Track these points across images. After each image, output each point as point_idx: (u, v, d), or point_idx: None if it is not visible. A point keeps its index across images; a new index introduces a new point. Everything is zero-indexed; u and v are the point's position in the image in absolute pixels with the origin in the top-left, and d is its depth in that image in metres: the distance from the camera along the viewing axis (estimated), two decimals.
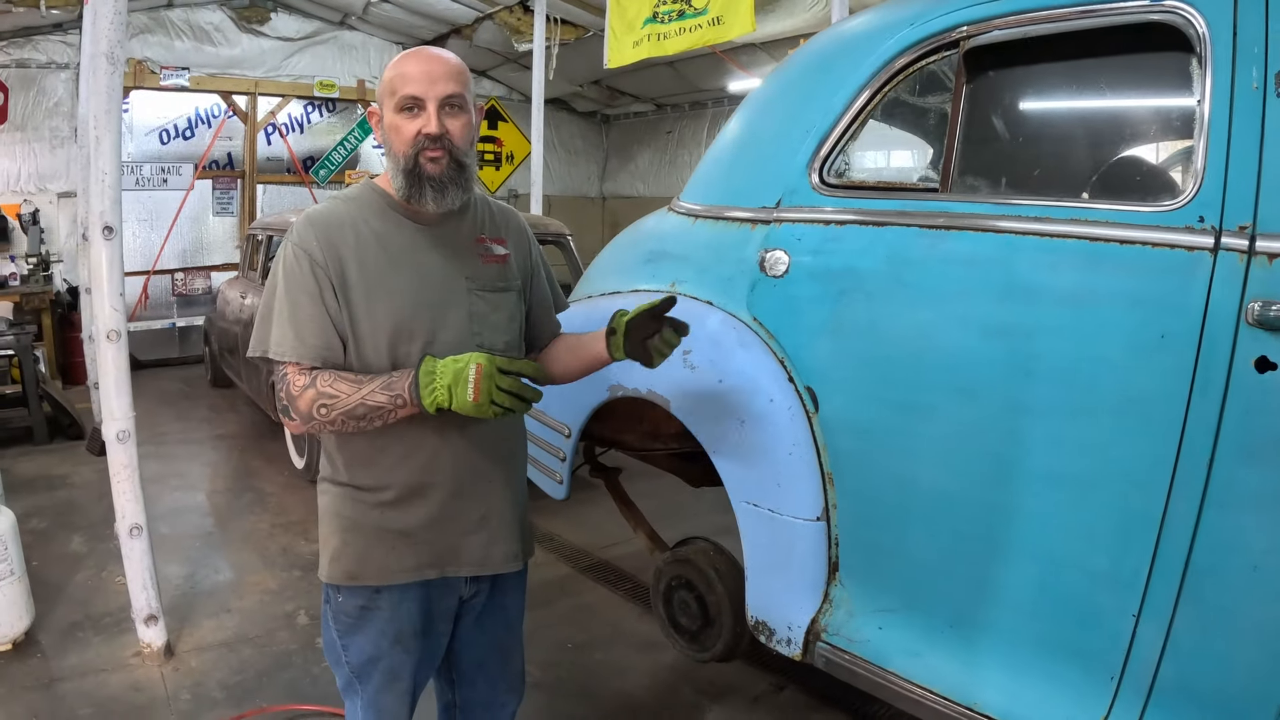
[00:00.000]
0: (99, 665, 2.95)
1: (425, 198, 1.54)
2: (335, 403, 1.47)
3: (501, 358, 1.46)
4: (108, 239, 2.77)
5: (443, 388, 1.44)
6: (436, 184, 1.54)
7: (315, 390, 1.48)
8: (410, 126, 1.52)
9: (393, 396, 1.46)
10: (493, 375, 1.42)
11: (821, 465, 1.95)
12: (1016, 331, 1.68)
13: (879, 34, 1.99)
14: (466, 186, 1.59)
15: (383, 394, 1.46)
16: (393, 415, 1.49)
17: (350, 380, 1.48)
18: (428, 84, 1.51)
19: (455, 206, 1.59)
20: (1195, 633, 1.53)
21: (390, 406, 1.47)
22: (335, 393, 1.47)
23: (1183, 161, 1.67)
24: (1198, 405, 1.48)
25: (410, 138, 1.52)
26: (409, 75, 1.52)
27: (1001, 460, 1.70)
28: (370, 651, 1.65)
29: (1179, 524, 1.51)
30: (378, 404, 1.47)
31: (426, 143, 1.51)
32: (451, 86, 1.52)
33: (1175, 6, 1.56)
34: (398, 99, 1.52)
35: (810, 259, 2.00)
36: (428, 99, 1.51)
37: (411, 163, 1.53)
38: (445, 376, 1.44)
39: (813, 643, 1.97)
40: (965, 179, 1.87)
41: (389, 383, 1.47)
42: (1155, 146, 1.86)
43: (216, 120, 8.55)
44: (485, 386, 1.42)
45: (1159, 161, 1.84)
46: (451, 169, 1.54)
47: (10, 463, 5.09)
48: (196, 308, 8.29)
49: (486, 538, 1.69)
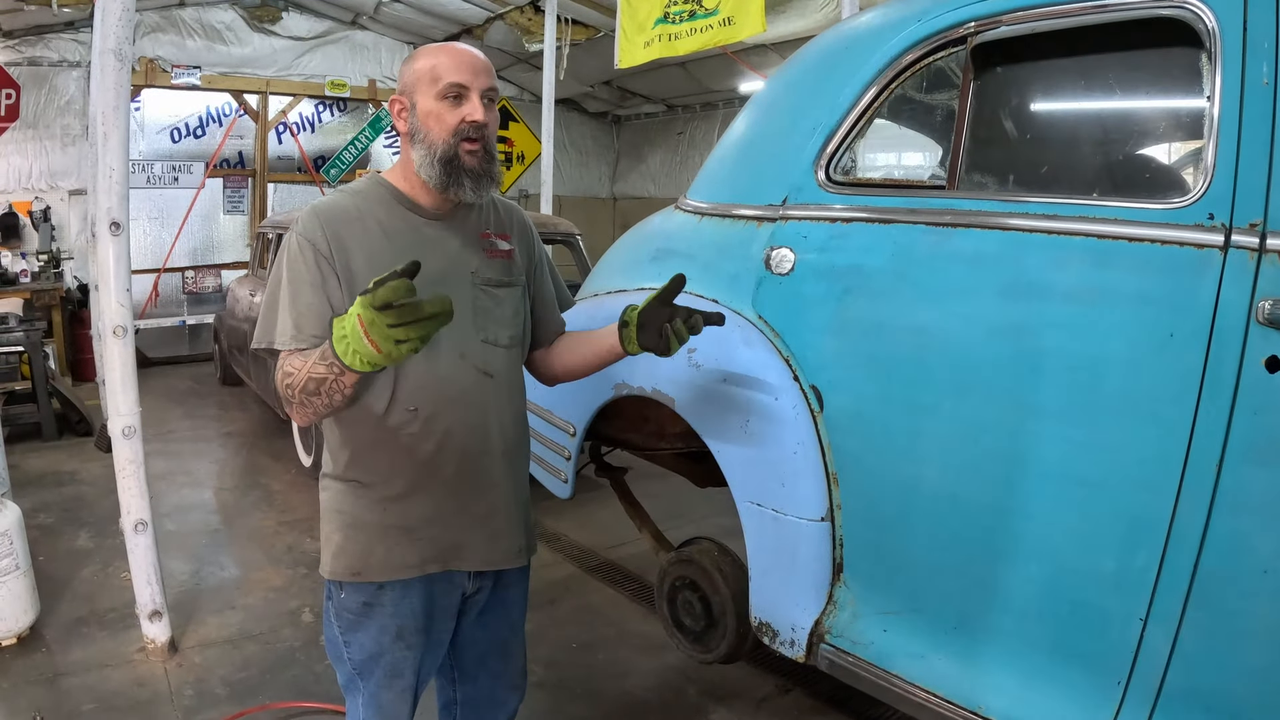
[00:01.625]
0: (103, 660, 2.96)
1: (464, 187, 1.54)
2: (293, 379, 1.43)
3: (368, 294, 1.23)
4: (115, 235, 2.78)
5: (350, 352, 1.30)
6: (474, 175, 1.55)
7: (282, 370, 1.47)
8: (454, 114, 1.52)
9: (329, 365, 1.36)
10: (374, 321, 1.23)
11: (826, 465, 1.93)
12: (1024, 330, 1.66)
13: (885, 30, 1.98)
14: (496, 179, 1.59)
15: (320, 364, 1.38)
16: (341, 384, 1.38)
17: (303, 355, 1.45)
18: (472, 74, 1.52)
19: (485, 197, 1.59)
20: (1204, 637, 1.50)
21: (330, 375, 1.38)
22: (291, 369, 1.44)
23: (1192, 158, 1.65)
24: (1207, 405, 1.45)
25: (453, 125, 1.52)
26: (452, 64, 1.52)
27: (1008, 461, 1.68)
28: (372, 648, 1.64)
29: (1188, 526, 1.48)
30: (320, 375, 1.39)
31: (470, 131, 1.52)
32: (490, 80, 1.56)
33: (1185, 1, 1.53)
34: (441, 86, 1.51)
35: (816, 257, 1.98)
36: (473, 89, 1.52)
37: (452, 151, 1.52)
38: (352, 339, 1.28)
39: (816, 644, 1.95)
40: (972, 176, 1.85)
41: (324, 351, 1.37)
42: (1164, 143, 1.84)
43: (228, 119, 8.59)
44: (376, 335, 1.24)
45: (1168, 158, 1.82)
46: (485, 161, 1.56)
47: (19, 458, 5.13)
48: (207, 306, 8.33)
49: (491, 533, 1.68)
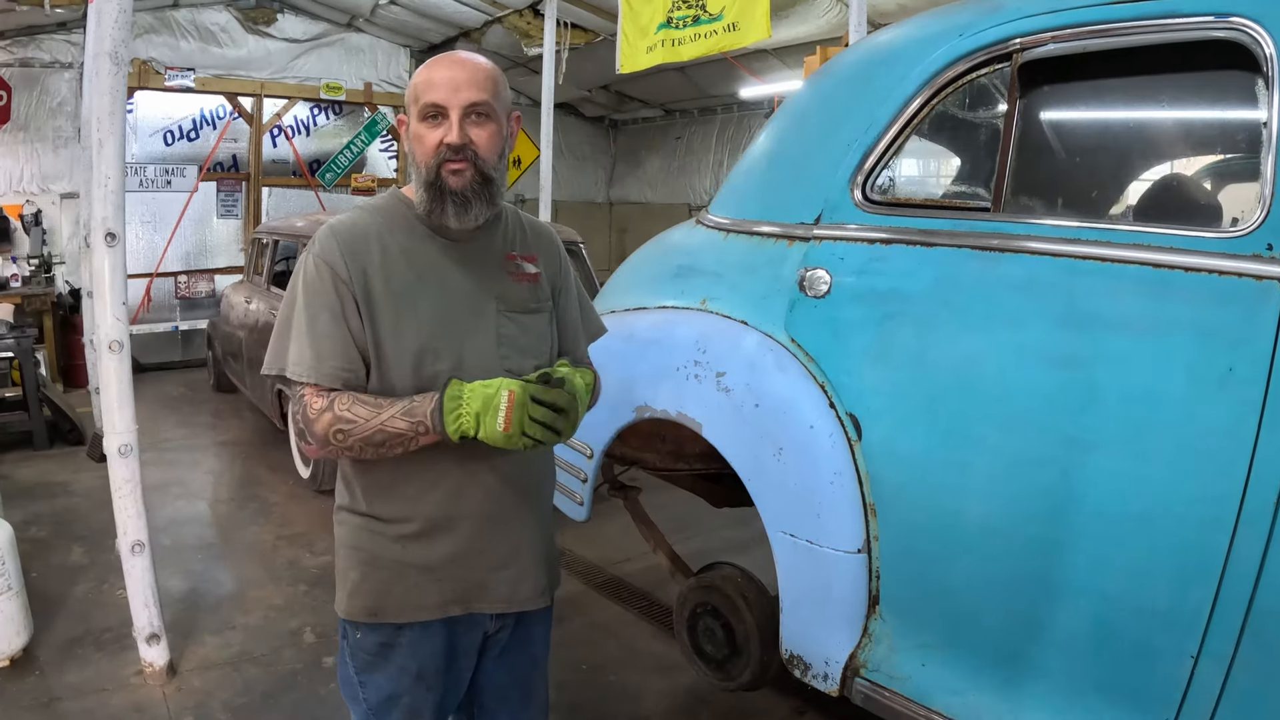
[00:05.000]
0: (99, 684, 2.88)
1: (447, 213, 1.45)
2: (353, 428, 1.38)
3: (535, 385, 1.36)
4: (110, 245, 2.68)
5: (469, 415, 1.35)
6: (459, 198, 1.44)
7: (333, 414, 1.39)
8: (433, 136, 1.43)
9: (414, 423, 1.37)
10: (525, 404, 1.33)
11: (864, 496, 1.86)
12: (1075, 361, 1.60)
13: (926, 44, 1.91)
14: (492, 201, 1.49)
15: (403, 420, 1.37)
16: (414, 442, 1.39)
17: (370, 404, 1.39)
18: (451, 91, 1.42)
19: (479, 223, 1.49)
20: (1257, 675, 1.44)
21: (411, 433, 1.38)
22: (353, 417, 1.38)
23: (1249, 185, 1.60)
24: (1266, 443, 1.40)
25: (432, 148, 1.43)
26: (433, 82, 1.43)
27: (1055, 495, 1.62)
28: (390, 690, 1.57)
29: (1243, 564, 1.43)
30: (398, 430, 1.37)
31: (448, 153, 1.42)
32: (477, 94, 1.43)
33: (1242, 25, 1.48)
34: (421, 106, 1.44)
35: (854, 279, 1.92)
36: (451, 107, 1.42)
37: (433, 174, 1.44)
38: (473, 403, 1.35)
39: (851, 679, 1.89)
40: (1019, 198, 1.79)
41: (410, 408, 1.38)
42: (1220, 169, 1.79)
43: (222, 122, 8.45)
44: (518, 416, 1.33)
45: (1224, 184, 1.77)
46: (476, 182, 1.45)
47: (10, 468, 5.03)
48: (200, 311, 8.19)
49: (515, 574, 1.61)
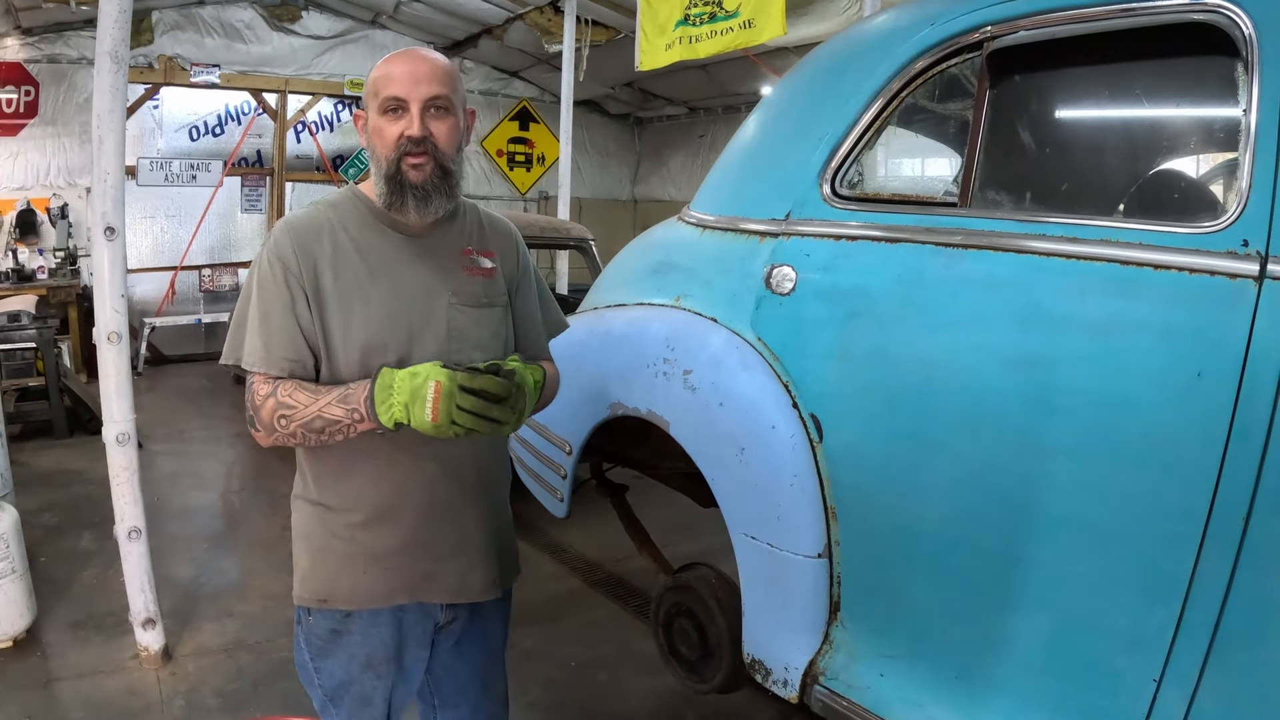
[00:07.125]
0: (97, 666, 2.93)
1: (408, 206, 1.47)
2: (294, 413, 1.40)
3: (465, 373, 1.34)
4: (109, 239, 2.72)
5: (399, 405, 1.34)
6: (419, 192, 1.46)
7: (276, 400, 1.41)
8: (393, 129, 1.44)
9: (349, 410, 1.38)
10: (453, 394, 1.31)
11: (825, 499, 1.82)
12: (1037, 363, 1.54)
13: (897, 35, 1.86)
14: (452, 194, 1.50)
15: (339, 407, 1.39)
16: (353, 429, 1.40)
17: (309, 391, 1.41)
18: (411, 85, 1.43)
19: (439, 215, 1.51)
20: (1222, 701, 1.38)
21: (348, 420, 1.39)
22: (294, 403, 1.40)
23: (1225, 178, 1.53)
24: (1235, 452, 1.33)
25: (393, 141, 1.44)
26: (392, 76, 1.44)
27: (1016, 503, 1.57)
28: (341, 676, 1.59)
29: (1209, 582, 1.37)
30: (334, 417, 1.39)
31: (409, 146, 1.44)
32: (437, 88, 1.44)
33: (1219, 6, 1.42)
34: (380, 100, 1.45)
35: (818, 276, 1.87)
36: (411, 100, 1.43)
37: (394, 168, 1.45)
38: (402, 393, 1.35)
39: (810, 685, 1.85)
40: (986, 193, 1.73)
41: (346, 395, 1.39)
42: (1195, 161, 1.71)
43: (246, 117, 8.58)
44: (444, 406, 1.31)
45: (1198, 177, 1.70)
46: (436, 175, 1.46)
47: (29, 455, 5.13)
48: (223, 304, 8.31)
49: (463, 565, 1.61)
